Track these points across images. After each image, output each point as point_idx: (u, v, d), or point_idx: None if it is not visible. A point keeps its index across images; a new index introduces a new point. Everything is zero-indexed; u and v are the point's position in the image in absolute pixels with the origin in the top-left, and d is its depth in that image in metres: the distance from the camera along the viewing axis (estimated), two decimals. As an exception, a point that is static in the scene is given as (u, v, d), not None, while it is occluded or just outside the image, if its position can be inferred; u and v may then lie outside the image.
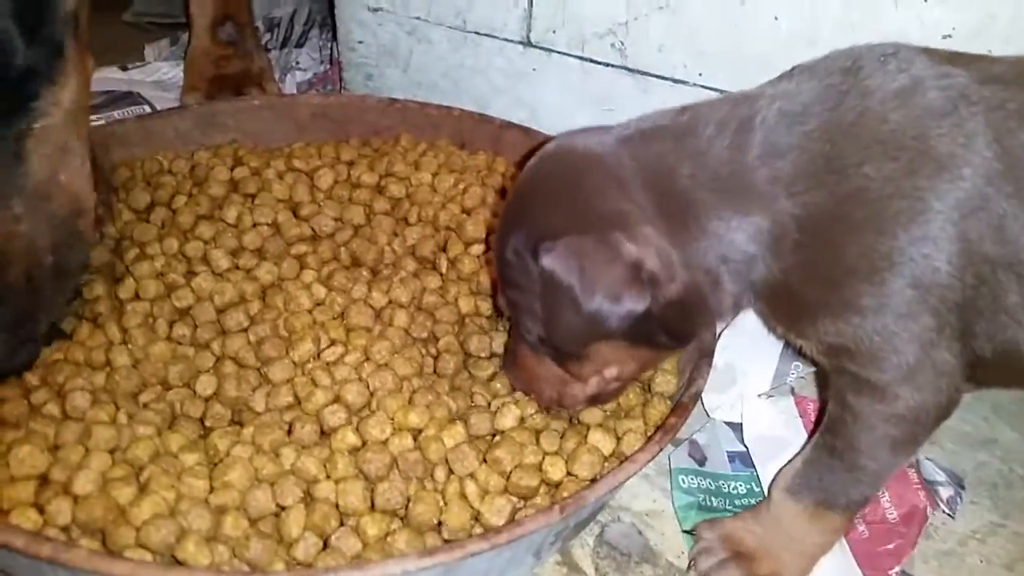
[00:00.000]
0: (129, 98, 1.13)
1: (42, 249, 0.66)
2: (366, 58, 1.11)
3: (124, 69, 1.18)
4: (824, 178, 0.53)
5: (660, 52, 0.92)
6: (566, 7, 0.94)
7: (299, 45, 1.30)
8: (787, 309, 0.57)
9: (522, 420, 0.65)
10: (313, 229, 0.82)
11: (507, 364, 0.68)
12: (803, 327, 0.57)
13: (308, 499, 0.59)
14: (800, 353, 0.64)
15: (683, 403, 0.64)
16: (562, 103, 1.00)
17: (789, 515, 0.60)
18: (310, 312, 0.72)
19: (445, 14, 1.02)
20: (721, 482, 0.72)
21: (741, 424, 0.76)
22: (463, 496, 0.60)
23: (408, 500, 0.59)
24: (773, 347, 0.79)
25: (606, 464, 0.63)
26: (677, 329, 0.57)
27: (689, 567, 0.64)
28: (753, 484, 0.72)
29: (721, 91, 0.91)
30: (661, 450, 0.60)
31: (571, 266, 0.53)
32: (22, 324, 0.65)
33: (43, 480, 0.57)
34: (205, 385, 0.67)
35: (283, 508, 0.57)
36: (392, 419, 0.62)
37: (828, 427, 0.58)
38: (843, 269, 0.53)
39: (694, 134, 0.56)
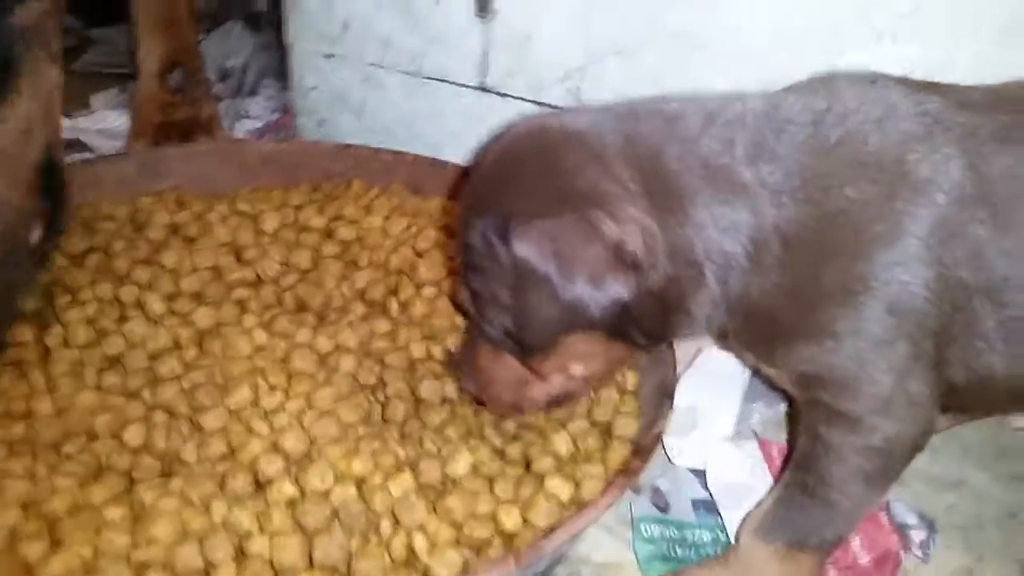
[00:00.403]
0: (75, 146, 1.09)
1: None
2: (319, 104, 1.09)
3: (69, 116, 1.15)
4: (810, 194, 0.51)
5: (617, 97, 0.90)
6: (523, 52, 0.93)
7: (251, 94, 1.28)
8: (760, 332, 0.55)
9: (475, 467, 0.61)
10: (257, 273, 0.78)
11: (462, 366, 0.63)
12: (776, 353, 0.54)
13: (240, 556, 0.54)
14: (771, 386, 0.61)
15: (644, 446, 0.61)
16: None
17: (759, 559, 0.57)
18: (249, 358, 0.68)
19: (400, 60, 1.00)
20: (686, 531, 0.68)
21: (705, 470, 0.73)
22: (411, 550, 0.55)
23: (350, 556, 0.55)
24: (735, 388, 0.76)
25: (564, 512, 0.59)
26: (653, 326, 0.54)
27: (654, 623, 0.60)
28: (719, 532, 0.68)
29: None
30: (623, 495, 0.56)
31: (547, 250, 0.50)
32: None
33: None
34: (133, 435, 0.62)
35: (212, 566, 0.53)
36: (334, 467, 0.58)
37: (799, 463, 0.55)
38: (820, 291, 0.51)
39: (683, 119, 0.54)
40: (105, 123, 1.15)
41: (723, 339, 0.58)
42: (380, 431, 0.64)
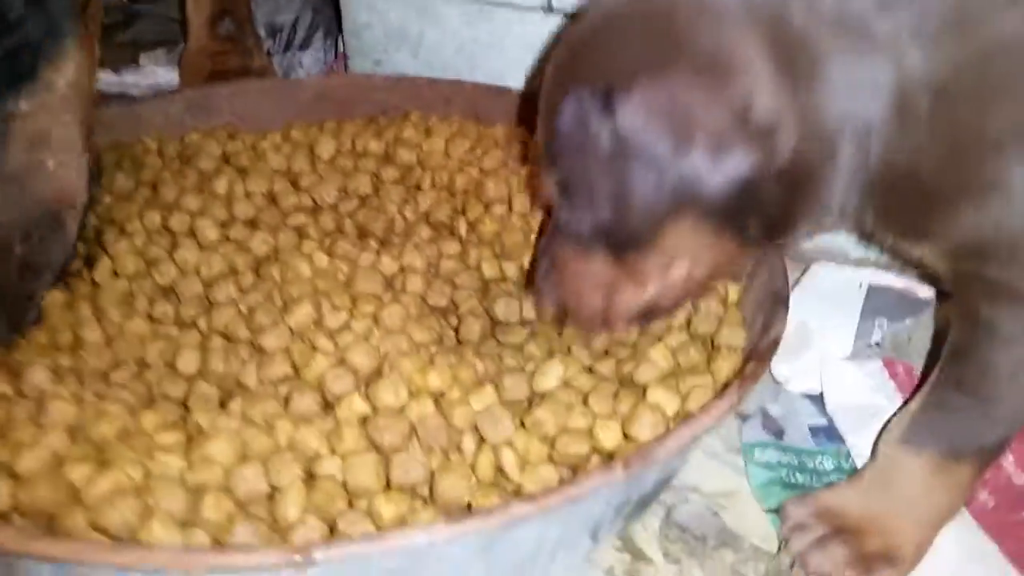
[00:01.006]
0: (121, 99, 1.05)
1: (10, 239, 0.57)
2: (373, 43, 1.03)
3: (116, 72, 1.11)
4: (958, 33, 0.43)
5: None
6: (587, -38, 0.86)
7: (302, 48, 1.23)
8: (909, 204, 0.46)
9: (565, 382, 0.54)
10: (314, 199, 0.73)
11: (540, 278, 0.55)
12: (929, 223, 0.45)
13: (309, 479, 0.48)
14: (918, 268, 0.52)
15: (761, 350, 0.53)
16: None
17: (905, 472, 0.49)
18: (310, 280, 0.62)
19: (456, -15, 0.94)
20: (805, 457, 0.60)
21: (820, 395, 0.64)
22: (499, 468, 0.49)
23: (432, 475, 0.48)
24: (852, 304, 0.68)
25: (671, 426, 0.51)
26: (776, 213, 0.46)
27: (779, 549, 0.52)
28: (842, 460, 0.60)
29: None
30: (741, 400, 0.48)
31: (658, 114, 0.43)
32: None
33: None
34: (188, 362, 0.56)
35: (278, 489, 0.47)
36: (408, 382, 0.52)
37: (953, 355, 0.47)
38: (984, 141, 0.42)
39: None
40: (155, 78, 1.11)
41: (858, 226, 0.50)
42: (456, 349, 0.58)
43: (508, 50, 0.95)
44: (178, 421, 0.52)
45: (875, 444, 0.53)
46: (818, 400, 0.64)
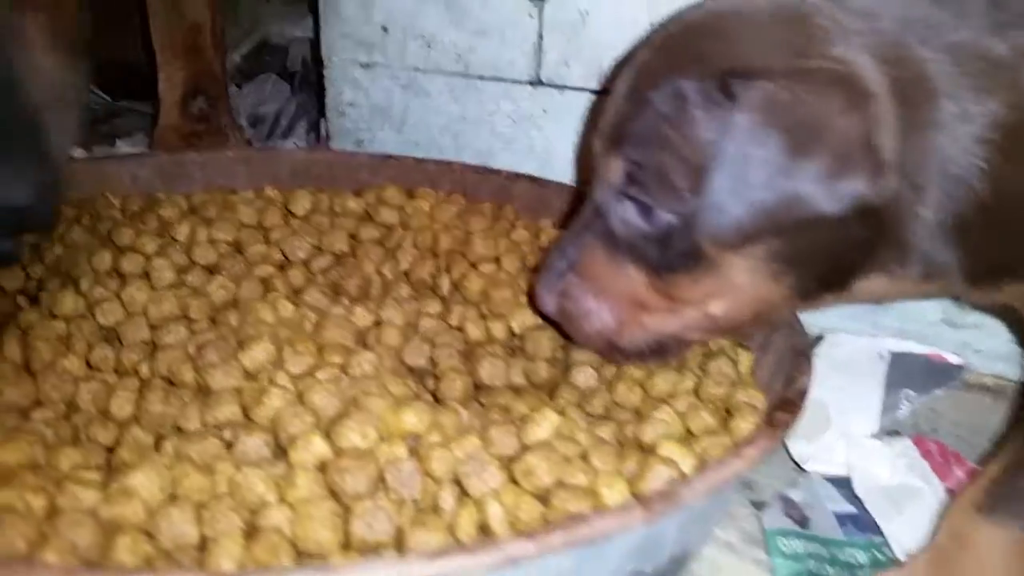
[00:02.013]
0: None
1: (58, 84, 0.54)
2: (357, 121, 1.00)
3: (88, 151, 1.06)
4: None
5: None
6: (580, 36, 0.84)
7: (284, 137, 1.20)
8: (1013, 246, 0.41)
9: (562, 435, 0.46)
10: (284, 253, 0.66)
11: (554, 266, 0.48)
12: None
13: (251, 531, 0.39)
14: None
15: (790, 399, 0.46)
16: (577, 147, 0.87)
17: (982, 549, 0.41)
18: (272, 327, 0.55)
19: (444, 60, 0.92)
20: (834, 548, 0.52)
21: (845, 478, 0.57)
22: (483, 527, 0.40)
23: (400, 531, 0.40)
24: (874, 374, 0.61)
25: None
26: (850, 256, 0.41)
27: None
28: (876, 551, 0.52)
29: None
30: (774, 445, 0.41)
31: (782, 113, 0.38)
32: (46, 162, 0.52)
33: None
34: (122, 404, 0.48)
35: (211, 540, 0.38)
36: (379, 420, 0.44)
37: None
38: None
39: None
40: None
41: (930, 271, 0.44)
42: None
43: (496, 126, 0.91)
44: (102, 464, 0.43)
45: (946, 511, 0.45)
46: (843, 484, 0.57)
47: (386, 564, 0.33)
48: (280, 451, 0.44)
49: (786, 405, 0.45)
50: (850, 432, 0.58)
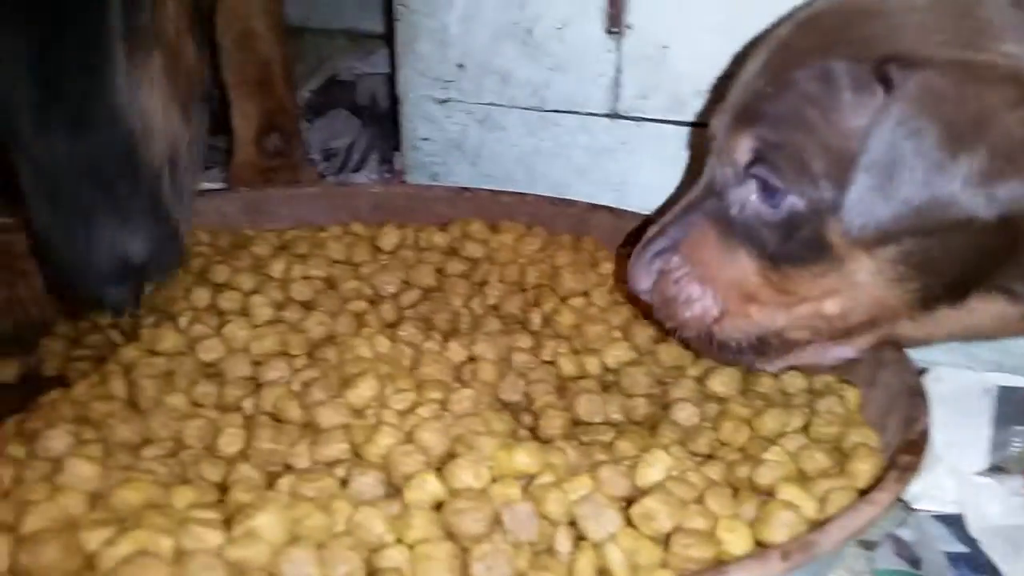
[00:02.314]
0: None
1: (180, 138, 0.58)
2: (432, 155, 1.00)
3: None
4: None
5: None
6: (658, 69, 0.84)
7: (356, 171, 1.22)
8: None
9: (675, 477, 0.45)
10: (374, 288, 0.67)
11: (654, 244, 0.47)
12: None
13: (370, 571, 0.39)
14: None
15: (913, 441, 0.44)
16: (656, 178, 0.87)
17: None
18: (371, 362, 0.55)
19: (520, 95, 0.92)
20: (949, 591, 0.51)
21: (955, 516, 0.55)
22: (602, 572, 0.40)
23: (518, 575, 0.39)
24: (982, 410, 0.59)
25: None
26: (983, 262, 0.40)
27: None
28: (993, 595, 0.50)
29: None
30: (905, 488, 0.40)
31: (946, 103, 0.36)
32: (162, 216, 0.55)
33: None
34: (230, 440, 0.49)
35: (333, 582, 0.38)
36: (491, 459, 0.43)
37: None
38: None
39: None
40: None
41: None
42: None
43: (571, 159, 0.92)
44: (215, 503, 0.44)
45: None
46: (953, 523, 0.55)
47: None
48: (393, 490, 0.44)
49: (910, 447, 0.44)
50: (959, 469, 0.57)
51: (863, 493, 0.43)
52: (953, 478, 0.56)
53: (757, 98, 0.44)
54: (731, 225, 0.43)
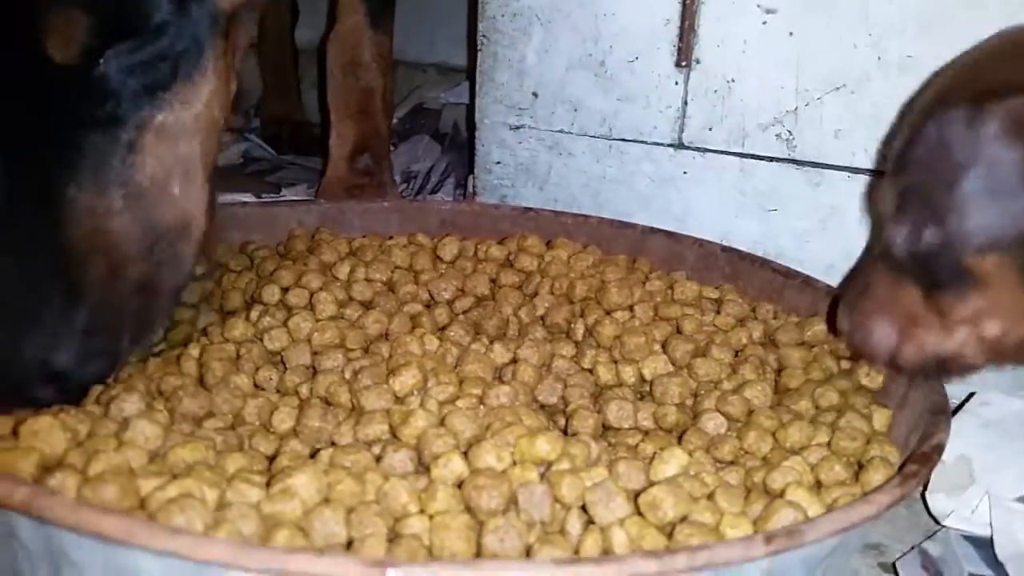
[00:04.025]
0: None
1: (133, 255, 0.55)
2: (502, 178, 1.05)
3: (259, 196, 1.17)
4: None
5: (836, 139, 0.81)
6: (724, 102, 0.87)
7: (433, 192, 1.27)
8: None
9: (689, 473, 0.48)
10: (431, 294, 0.71)
11: (853, 287, 0.53)
12: None
13: (392, 537, 0.43)
14: None
15: (924, 452, 0.45)
16: (716, 207, 0.89)
17: None
18: (419, 357, 0.59)
19: (590, 123, 0.96)
20: (969, 612, 0.51)
21: (985, 539, 0.55)
22: (607, 552, 0.42)
23: (528, 550, 0.42)
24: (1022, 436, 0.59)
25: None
26: None
27: None
28: (1015, 621, 0.50)
29: (908, 178, 0.78)
30: (907, 496, 0.41)
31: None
32: (99, 332, 0.54)
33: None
34: (283, 418, 0.53)
35: (357, 540, 0.42)
36: (514, 446, 0.47)
37: None
38: None
39: None
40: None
41: None
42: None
43: (635, 186, 0.95)
44: (263, 471, 0.48)
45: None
46: (983, 545, 0.55)
47: (520, 567, 0.35)
48: (423, 467, 0.47)
49: (919, 458, 0.45)
50: (995, 493, 0.56)
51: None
52: (988, 501, 0.56)
53: (903, 143, 0.49)
54: (897, 262, 0.48)
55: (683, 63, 0.88)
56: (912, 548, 0.54)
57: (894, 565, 0.55)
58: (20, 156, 0.50)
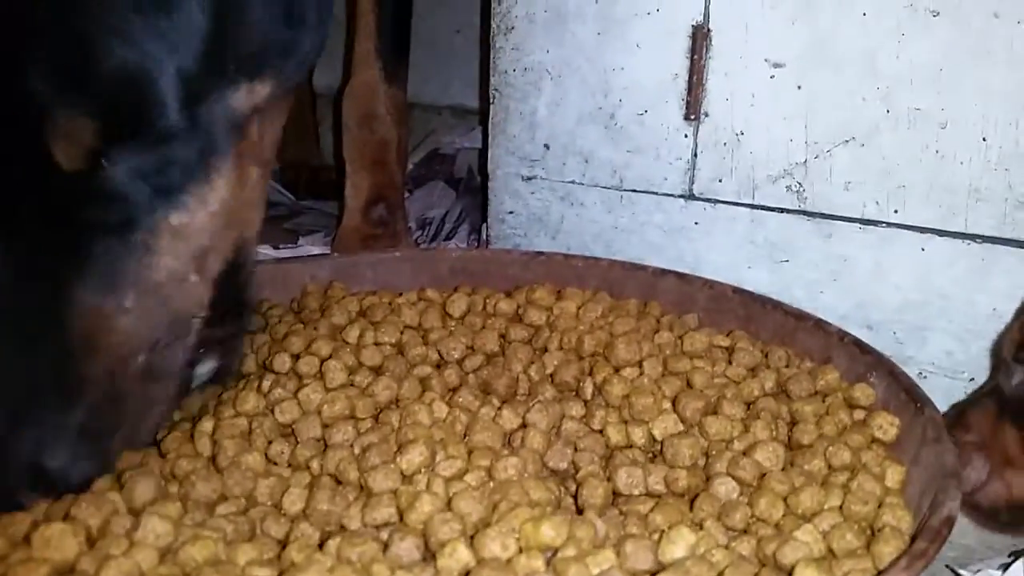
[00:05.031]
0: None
1: (137, 351, 0.56)
2: (515, 227, 1.05)
3: (275, 248, 1.18)
4: None
5: (847, 191, 0.81)
6: (734, 155, 0.87)
7: (447, 239, 1.28)
8: None
9: (698, 555, 0.47)
10: (440, 353, 0.71)
11: (955, 417, 0.56)
12: None
13: (401, 632, 0.43)
14: None
15: (934, 527, 0.45)
16: (727, 257, 0.89)
17: None
18: (428, 428, 0.59)
19: (601, 175, 0.96)
20: None
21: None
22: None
23: (536, 642, 0.42)
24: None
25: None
26: None
27: None
28: None
29: (920, 228, 0.78)
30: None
31: None
32: (92, 431, 0.54)
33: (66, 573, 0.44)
34: (294, 500, 0.54)
35: (365, 638, 0.42)
36: (519, 532, 0.47)
37: None
38: None
39: None
40: (307, 252, 1.17)
41: None
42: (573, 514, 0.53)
43: (646, 236, 0.95)
44: (273, 559, 0.49)
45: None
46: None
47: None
48: (430, 554, 0.47)
49: (928, 534, 0.45)
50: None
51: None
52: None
53: None
54: (1005, 402, 0.51)
55: (692, 116, 0.88)
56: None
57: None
58: (29, 258, 0.50)
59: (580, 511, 0.55)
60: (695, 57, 0.85)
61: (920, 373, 0.79)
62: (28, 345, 0.51)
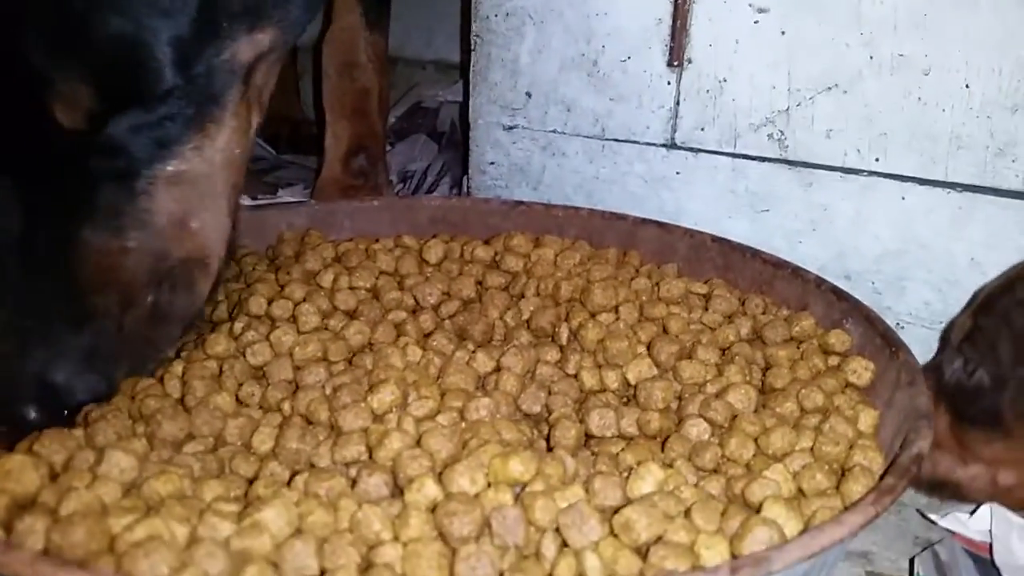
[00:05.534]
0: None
1: (142, 287, 0.57)
2: (496, 179, 1.04)
3: (253, 198, 1.16)
4: None
5: (828, 139, 0.80)
6: (716, 102, 0.85)
7: (430, 191, 1.27)
8: None
9: (666, 490, 0.47)
10: (416, 299, 0.71)
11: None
12: None
13: (366, 567, 0.42)
14: None
15: (902, 464, 0.45)
16: (708, 207, 0.88)
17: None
18: (401, 371, 0.59)
19: (583, 124, 0.95)
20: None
21: (986, 554, 0.55)
22: (580, 576, 0.42)
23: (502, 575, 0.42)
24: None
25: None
26: None
27: None
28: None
29: (903, 176, 0.77)
30: (877, 516, 0.40)
31: None
32: (96, 356, 0.56)
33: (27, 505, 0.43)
34: (263, 439, 0.53)
35: (330, 572, 0.41)
36: (488, 467, 0.46)
37: None
38: None
39: None
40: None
41: None
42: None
43: (628, 186, 0.94)
44: (240, 496, 0.48)
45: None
46: (980, 560, 0.54)
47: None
48: (398, 490, 0.47)
49: (897, 470, 0.45)
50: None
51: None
52: (988, 508, 0.55)
53: (990, 289, 0.54)
54: (943, 386, 0.53)
55: (675, 63, 0.87)
56: (929, 551, 0.54)
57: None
58: (38, 207, 0.52)
59: (551, 449, 0.55)
60: (679, 2, 0.84)
61: (898, 323, 0.79)
62: (39, 277, 0.53)
